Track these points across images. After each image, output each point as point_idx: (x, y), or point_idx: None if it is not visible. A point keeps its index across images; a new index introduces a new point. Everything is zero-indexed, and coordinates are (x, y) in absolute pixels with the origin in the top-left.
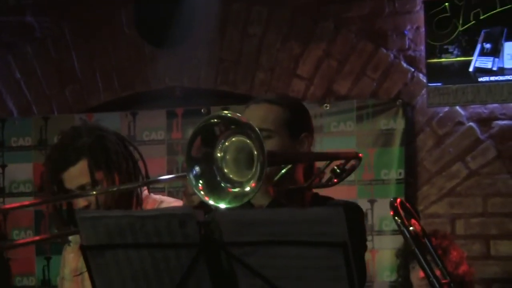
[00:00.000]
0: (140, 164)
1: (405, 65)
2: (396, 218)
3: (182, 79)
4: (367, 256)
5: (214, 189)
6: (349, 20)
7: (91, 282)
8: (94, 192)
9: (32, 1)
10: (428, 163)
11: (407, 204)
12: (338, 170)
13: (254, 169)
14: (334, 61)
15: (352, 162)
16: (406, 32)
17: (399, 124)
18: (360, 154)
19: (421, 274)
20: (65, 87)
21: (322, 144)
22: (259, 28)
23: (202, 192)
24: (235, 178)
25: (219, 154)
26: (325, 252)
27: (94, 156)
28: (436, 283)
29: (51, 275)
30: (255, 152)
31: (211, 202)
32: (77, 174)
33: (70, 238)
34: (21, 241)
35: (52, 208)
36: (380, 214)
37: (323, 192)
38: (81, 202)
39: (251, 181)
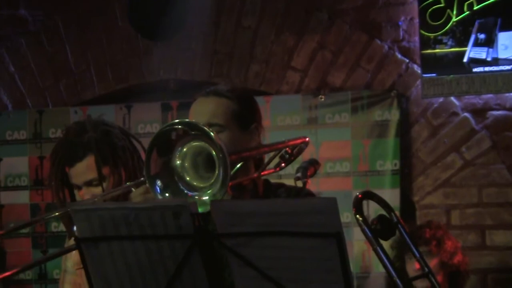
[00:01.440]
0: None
1: (399, 56)
2: (357, 216)
3: (176, 71)
4: (363, 247)
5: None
6: (343, 12)
7: (85, 274)
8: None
9: None
10: (423, 154)
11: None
12: (286, 155)
13: (216, 172)
14: (329, 52)
15: (301, 145)
16: (400, 23)
17: (394, 115)
18: (307, 138)
19: (417, 265)
20: (59, 80)
21: (317, 136)
22: (253, 20)
23: None
24: (199, 184)
25: (177, 162)
26: (318, 243)
27: (101, 151)
28: (399, 283)
29: (48, 268)
30: (214, 153)
31: None
32: (84, 170)
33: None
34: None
35: (57, 201)
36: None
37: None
38: (86, 193)
39: (216, 186)
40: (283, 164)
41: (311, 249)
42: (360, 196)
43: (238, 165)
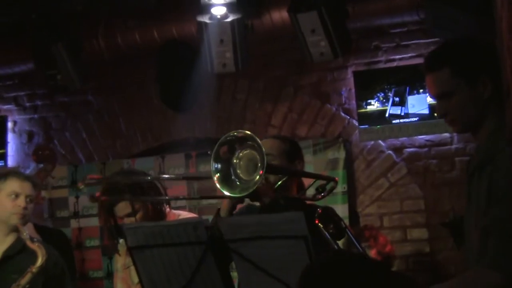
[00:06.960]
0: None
1: (343, 114)
2: (319, 224)
3: (194, 131)
4: None
5: (227, 182)
6: (303, 86)
7: (136, 272)
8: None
9: (92, 85)
10: (362, 179)
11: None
12: (320, 189)
13: (257, 170)
14: (295, 114)
15: (332, 184)
16: (342, 92)
17: (341, 154)
18: (336, 178)
19: None
20: (116, 141)
21: None
22: (243, 94)
23: (218, 184)
24: (244, 177)
25: (235, 160)
26: (292, 243)
27: (133, 193)
28: None
29: (113, 269)
30: (259, 164)
31: (226, 192)
32: (123, 207)
33: (118, 245)
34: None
35: (105, 227)
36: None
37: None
38: (127, 220)
39: (251, 183)
40: (319, 196)
41: (288, 247)
42: (320, 211)
43: (280, 181)
